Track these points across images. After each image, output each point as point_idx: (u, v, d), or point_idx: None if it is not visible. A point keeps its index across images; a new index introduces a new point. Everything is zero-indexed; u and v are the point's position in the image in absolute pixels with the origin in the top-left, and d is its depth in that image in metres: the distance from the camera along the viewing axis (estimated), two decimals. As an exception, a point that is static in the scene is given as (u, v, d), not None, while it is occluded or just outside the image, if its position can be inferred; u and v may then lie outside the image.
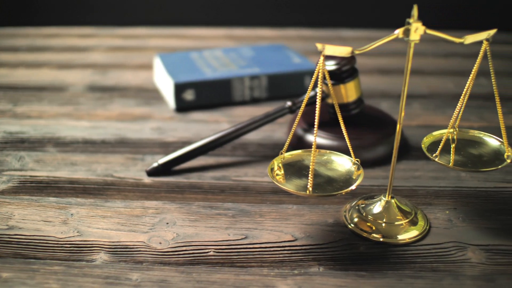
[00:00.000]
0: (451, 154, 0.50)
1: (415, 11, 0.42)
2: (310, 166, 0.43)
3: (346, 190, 0.44)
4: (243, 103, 0.77)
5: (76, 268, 0.45)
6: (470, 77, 0.48)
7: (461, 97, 0.48)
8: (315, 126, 0.43)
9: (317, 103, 0.43)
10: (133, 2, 1.20)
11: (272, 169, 0.47)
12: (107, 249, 0.47)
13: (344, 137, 0.60)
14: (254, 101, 0.77)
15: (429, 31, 0.44)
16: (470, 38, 0.46)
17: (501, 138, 0.54)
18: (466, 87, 0.48)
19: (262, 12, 1.20)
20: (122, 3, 1.21)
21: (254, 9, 1.20)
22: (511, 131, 0.69)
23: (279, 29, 1.14)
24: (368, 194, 0.54)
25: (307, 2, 1.20)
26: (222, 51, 0.85)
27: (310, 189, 0.43)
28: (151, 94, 0.80)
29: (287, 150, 0.49)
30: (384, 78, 0.88)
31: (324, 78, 0.62)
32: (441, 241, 0.48)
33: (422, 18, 0.48)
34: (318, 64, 0.42)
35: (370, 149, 0.60)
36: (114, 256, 0.46)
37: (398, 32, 0.43)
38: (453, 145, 0.52)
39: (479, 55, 0.47)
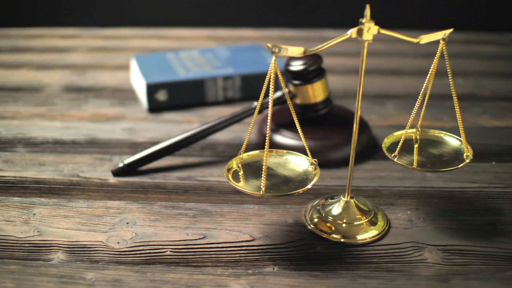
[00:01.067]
0: (412, 155, 0.50)
1: (367, 11, 0.42)
2: (263, 166, 0.43)
3: (300, 190, 0.44)
4: (216, 103, 0.77)
5: (33, 267, 0.45)
6: (427, 77, 0.48)
7: (419, 97, 0.48)
8: (267, 127, 0.43)
9: (269, 105, 0.43)
10: (117, 3, 1.21)
11: (228, 169, 0.47)
12: (65, 249, 0.47)
13: (312, 138, 0.61)
14: (228, 101, 0.77)
15: (383, 31, 0.44)
16: (425, 38, 0.46)
17: (468, 138, 0.54)
18: (424, 87, 0.48)
19: (245, 12, 1.20)
20: (106, 4, 1.21)
21: (236, 9, 1.20)
22: (485, 131, 0.69)
23: (262, 30, 1.14)
24: (331, 194, 0.54)
25: (290, 3, 1.20)
26: (199, 51, 0.85)
27: (263, 189, 0.43)
28: (126, 95, 0.80)
29: (249, 150, 0.50)
30: (361, 79, 0.87)
31: (291, 78, 0.62)
32: (399, 241, 0.48)
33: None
34: (270, 65, 0.42)
35: (337, 149, 0.60)
36: (71, 256, 0.46)
37: (352, 32, 0.43)
38: (416, 145, 0.52)
39: (436, 55, 0.47)
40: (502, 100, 0.79)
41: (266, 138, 0.43)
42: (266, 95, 0.68)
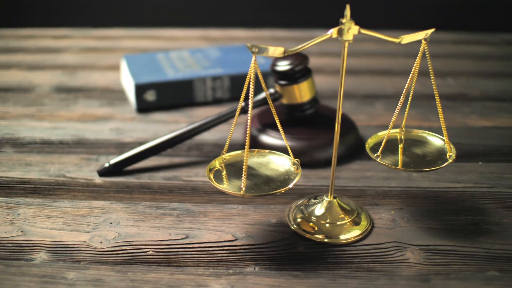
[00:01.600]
0: (396, 155, 0.50)
1: (347, 11, 0.42)
2: (244, 166, 0.43)
3: (281, 190, 0.44)
4: (205, 103, 0.77)
5: (15, 267, 0.45)
6: (409, 77, 0.48)
7: (401, 97, 0.48)
8: (248, 127, 0.43)
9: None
10: (111, 3, 1.21)
11: (210, 169, 0.47)
12: (47, 249, 0.47)
13: (298, 138, 0.61)
14: (217, 101, 0.77)
15: (364, 31, 0.44)
16: (407, 38, 0.46)
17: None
18: (406, 87, 0.48)
19: (237, 13, 1.20)
20: (100, 5, 1.21)
21: (229, 10, 1.20)
22: (472, 131, 0.69)
23: (254, 30, 1.14)
24: (315, 194, 0.54)
25: (283, 3, 1.20)
26: (189, 52, 0.85)
27: (244, 189, 0.43)
28: (116, 95, 0.80)
29: (236, 150, 0.50)
30: (350, 79, 0.87)
31: (278, 78, 0.62)
32: (381, 241, 0.48)
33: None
34: (250, 65, 0.43)
35: (323, 149, 0.60)
36: (53, 255, 0.46)
37: (332, 32, 0.43)
38: (400, 146, 0.52)
39: (418, 54, 0.47)
40: (491, 100, 0.79)
41: (247, 138, 0.43)
42: (254, 95, 0.68)
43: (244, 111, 0.61)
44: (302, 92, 0.62)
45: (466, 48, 1.04)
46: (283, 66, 0.60)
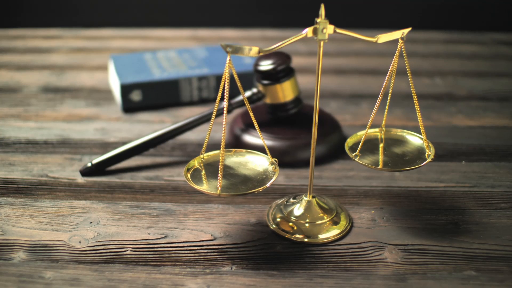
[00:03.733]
0: (375, 154, 0.50)
1: (322, 11, 0.42)
2: (220, 166, 0.43)
3: (257, 189, 0.44)
4: (191, 103, 0.77)
5: (-7, 267, 0.45)
6: (387, 77, 0.48)
7: (379, 96, 0.48)
8: (223, 127, 0.43)
9: (224, 105, 0.43)
10: (101, 4, 1.21)
11: (188, 169, 0.47)
12: (26, 248, 0.47)
13: (281, 137, 0.61)
14: (203, 101, 0.77)
15: (339, 30, 0.44)
16: (383, 37, 0.46)
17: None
18: (383, 86, 0.48)
19: (227, 12, 1.20)
20: (90, 5, 1.21)
21: (219, 10, 1.20)
22: (457, 131, 0.69)
23: (244, 30, 1.14)
24: (296, 193, 0.54)
25: (272, 3, 1.20)
26: (176, 51, 0.85)
27: (219, 188, 0.43)
28: (102, 95, 0.80)
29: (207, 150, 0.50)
30: (338, 78, 0.87)
31: (260, 78, 0.62)
32: (360, 241, 0.48)
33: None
34: (226, 65, 0.43)
35: (305, 148, 0.60)
36: (32, 255, 0.46)
37: (307, 31, 0.43)
38: (381, 145, 0.52)
39: (396, 54, 0.47)
40: (477, 99, 0.79)
41: (222, 138, 0.43)
42: (236, 94, 0.68)
43: (228, 111, 0.61)
44: (285, 92, 0.62)
45: (455, 47, 1.04)
46: (266, 65, 0.60)
